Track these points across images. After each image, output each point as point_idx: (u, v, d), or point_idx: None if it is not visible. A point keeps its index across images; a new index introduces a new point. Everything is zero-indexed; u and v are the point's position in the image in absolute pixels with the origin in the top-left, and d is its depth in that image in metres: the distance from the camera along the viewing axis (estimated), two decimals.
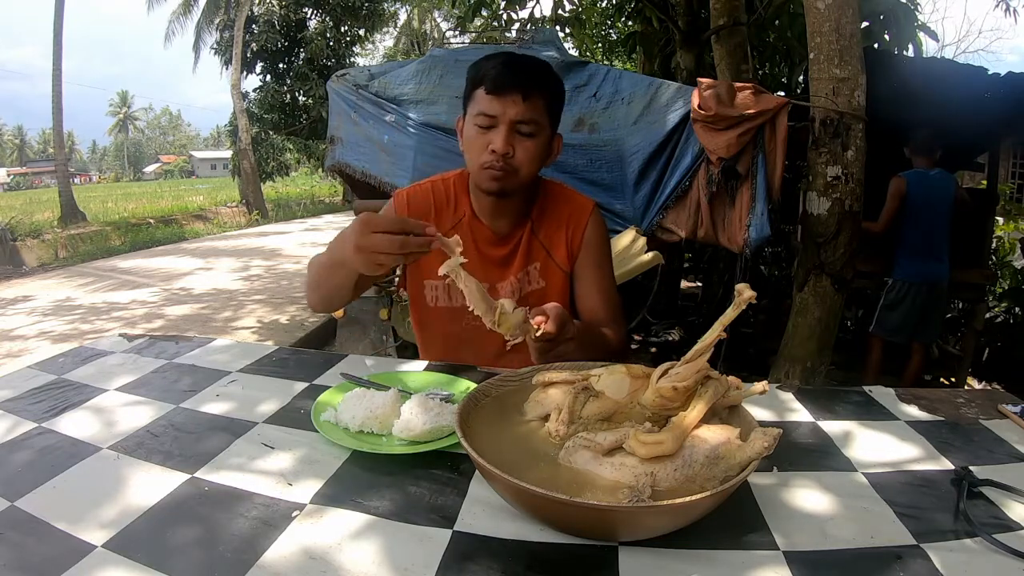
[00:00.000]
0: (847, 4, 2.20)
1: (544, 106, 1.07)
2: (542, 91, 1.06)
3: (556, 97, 1.10)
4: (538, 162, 1.09)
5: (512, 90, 1.03)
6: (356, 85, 3.22)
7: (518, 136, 1.05)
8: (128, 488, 0.66)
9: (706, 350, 0.64)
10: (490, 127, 1.05)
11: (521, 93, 1.03)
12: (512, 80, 1.04)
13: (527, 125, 1.05)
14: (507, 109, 1.04)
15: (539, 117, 1.06)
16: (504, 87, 1.03)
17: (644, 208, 2.80)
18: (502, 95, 1.04)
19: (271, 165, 15.79)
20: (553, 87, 1.09)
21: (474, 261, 1.17)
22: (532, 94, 1.04)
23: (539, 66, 1.08)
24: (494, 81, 1.04)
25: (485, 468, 0.57)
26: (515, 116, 1.04)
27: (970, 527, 0.59)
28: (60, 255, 8.82)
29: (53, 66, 11.30)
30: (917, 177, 2.95)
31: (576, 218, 1.19)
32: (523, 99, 1.03)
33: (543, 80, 1.07)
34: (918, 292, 3.02)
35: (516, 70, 1.05)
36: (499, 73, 1.04)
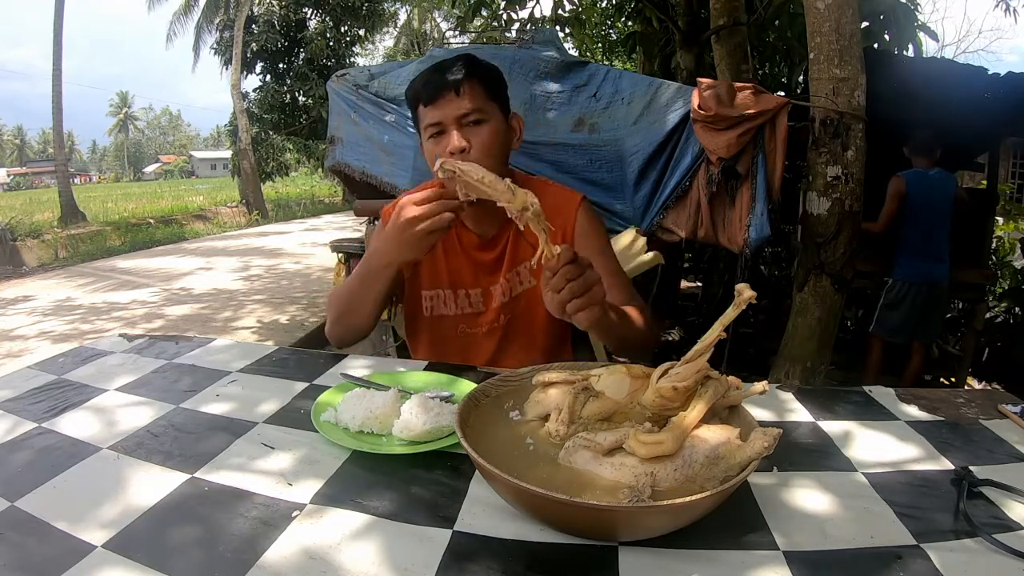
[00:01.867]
0: (847, 4, 2.20)
1: (483, 91, 1.07)
2: (472, 79, 1.06)
3: (492, 80, 1.10)
4: (497, 148, 1.08)
5: (444, 90, 1.04)
6: (356, 85, 3.22)
7: (468, 129, 1.05)
8: (128, 488, 0.66)
9: (706, 350, 0.64)
10: (440, 133, 1.06)
11: (454, 90, 1.04)
12: (441, 81, 1.05)
13: (471, 115, 1.05)
14: (447, 111, 1.04)
15: (481, 104, 1.06)
16: (435, 92, 1.05)
17: (644, 208, 2.80)
18: (437, 99, 1.05)
19: (271, 165, 15.79)
20: (484, 71, 1.09)
21: (464, 266, 1.18)
22: (463, 86, 1.04)
23: (464, 59, 1.09)
24: (425, 90, 1.06)
25: (485, 468, 0.57)
26: (456, 112, 1.04)
27: (970, 527, 0.59)
28: (60, 255, 8.82)
29: (53, 66, 11.30)
30: (916, 177, 2.95)
31: (564, 211, 1.17)
32: (457, 95, 1.04)
33: (471, 69, 1.07)
34: (918, 292, 3.02)
35: (442, 72, 1.06)
36: (427, 81, 1.06)
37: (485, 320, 1.19)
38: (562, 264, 0.80)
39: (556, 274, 0.81)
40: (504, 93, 1.13)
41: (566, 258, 0.80)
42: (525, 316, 1.18)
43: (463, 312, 1.19)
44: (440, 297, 1.19)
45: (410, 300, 1.22)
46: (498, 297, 1.18)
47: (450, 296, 1.19)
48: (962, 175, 5.16)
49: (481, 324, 1.19)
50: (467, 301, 1.19)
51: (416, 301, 1.21)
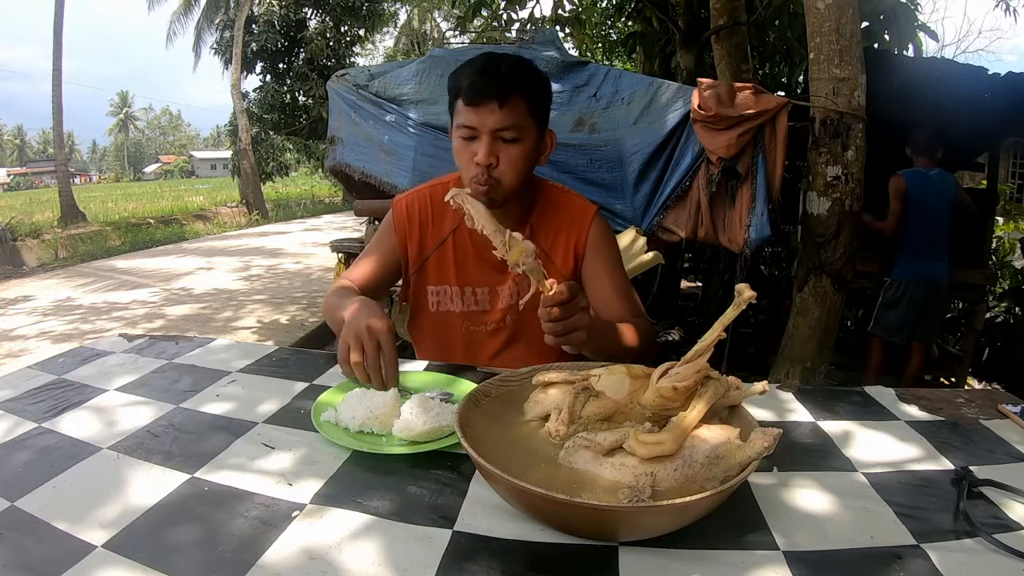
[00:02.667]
0: (847, 4, 2.20)
1: (526, 109, 1.03)
2: (520, 94, 1.02)
3: (539, 96, 1.07)
4: (524, 167, 1.06)
5: (488, 99, 1.00)
6: (356, 85, 3.22)
7: (501, 143, 1.03)
8: (128, 488, 0.66)
9: (706, 350, 0.64)
10: (472, 138, 1.03)
11: (497, 100, 1.00)
12: (487, 88, 1.00)
13: (508, 131, 1.02)
14: (484, 119, 1.01)
15: (520, 121, 1.03)
16: (479, 97, 1.01)
17: (644, 208, 2.80)
18: (478, 105, 1.01)
19: (271, 165, 15.80)
20: (533, 87, 1.06)
21: (474, 264, 1.17)
22: (509, 99, 1.01)
23: (516, 68, 1.04)
24: (469, 91, 1.01)
25: (485, 468, 0.57)
26: (494, 125, 1.01)
27: (970, 527, 0.59)
28: (60, 255, 8.82)
29: (53, 66, 11.30)
30: (916, 176, 2.96)
31: (578, 221, 1.17)
32: (500, 106, 1.00)
33: (520, 82, 1.03)
34: (916, 291, 3.02)
35: (491, 77, 1.01)
36: (473, 82, 1.01)
37: (491, 319, 1.18)
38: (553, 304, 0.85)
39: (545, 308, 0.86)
40: (547, 108, 1.10)
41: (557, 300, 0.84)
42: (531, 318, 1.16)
43: (469, 310, 1.19)
44: (447, 293, 1.19)
45: (416, 295, 1.22)
46: (505, 298, 1.17)
47: (456, 293, 1.18)
48: (962, 175, 5.16)
49: (487, 323, 1.18)
50: (473, 299, 1.18)
51: (422, 296, 1.21)
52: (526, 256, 0.79)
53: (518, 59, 1.07)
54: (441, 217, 1.17)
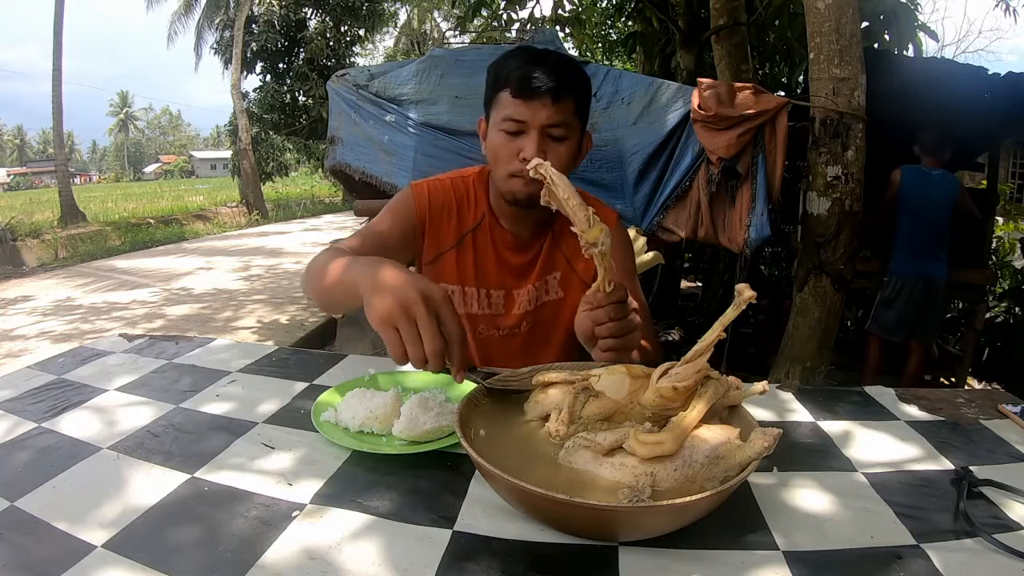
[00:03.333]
0: (847, 4, 2.20)
1: (574, 107, 1.00)
2: (572, 91, 0.99)
3: (585, 95, 1.04)
4: (569, 166, 1.02)
5: (541, 93, 0.96)
6: (356, 85, 3.22)
7: (549, 141, 0.99)
8: (128, 488, 0.66)
9: (706, 350, 0.64)
10: (518, 132, 0.99)
11: (551, 96, 0.96)
12: (540, 82, 0.96)
13: (558, 128, 0.98)
14: (536, 113, 0.97)
15: (570, 119, 0.99)
16: (532, 90, 0.96)
17: (644, 208, 2.80)
18: (530, 99, 0.96)
19: (271, 165, 15.80)
20: (582, 85, 1.02)
21: (492, 265, 1.12)
22: (562, 96, 0.97)
23: (566, 64, 1.00)
24: (520, 83, 0.97)
25: (485, 468, 0.57)
26: (545, 120, 0.97)
27: (970, 527, 0.59)
28: (60, 255, 8.82)
29: (53, 66, 11.29)
30: (916, 174, 2.97)
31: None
32: (553, 102, 0.96)
33: (572, 79, 0.99)
34: (913, 288, 3.03)
35: (544, 71, 0.97)
36: (525, 74, 0.97)
37: (505, 323, 1.14)
38: (611, 301, 0.78)
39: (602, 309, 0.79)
40: (588, 109, 1.07)
41: (616, 297, 0.78)
42: (547, 327, 1.14)
43: (484, 312, 1.14)
44: (463, 294, 1.13)
45: None
46: (522, 304, 1.13)
47: (473, 293, 1.14)
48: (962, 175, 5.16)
49: (500, 327, 1.14)
50: (487, 301, 1.14)
51: None
52: (605, 236, 0.73)
53: (566, 56, 1.04)
54: (463, 212, 1.12)
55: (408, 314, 0.65)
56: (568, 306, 1.12)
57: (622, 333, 0.80)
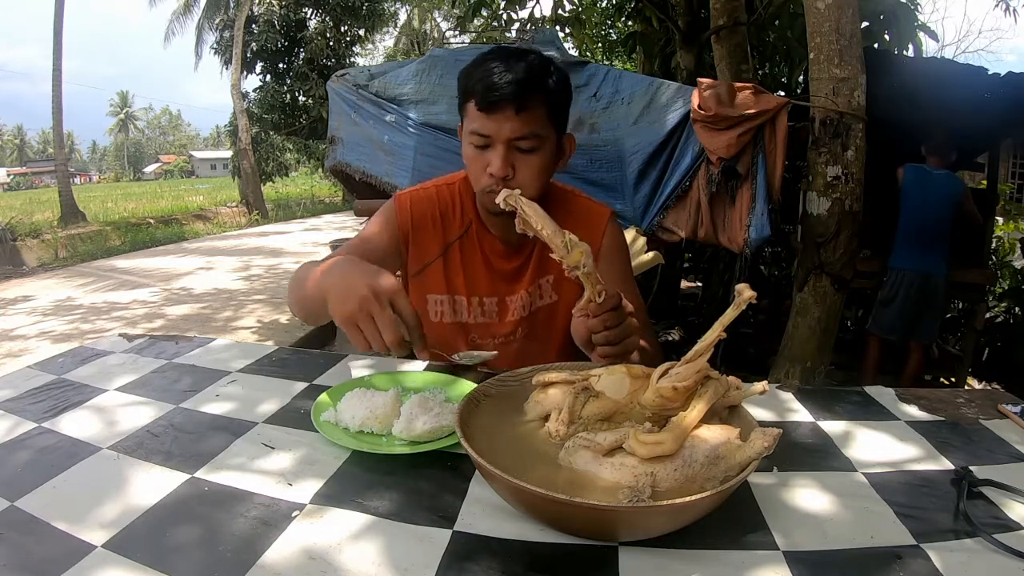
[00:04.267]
0: (847, 4, 2.20)
1: (545, 114, 0.95)
2: (539, 99, 0.93)
3: (558, 99, 0.98)
4: (542, 177, 0.99)
5: (504, 105, 0.91)
6: (356, 85, 3.22)
7: (518, 153, 0.95)
8: (128, 488, 0.66)
9: (706, 350, 0.64)
10: (485, 146, 0.96)
11: (514, 107, 0.91)
12: (502, 93, 0.91)
13: (525, 141, 0.94)
14: (501, 127, 0.93)
15: (539, 129, 0.94)
16: (495, 103, 0.92)
17: (644, 208, 2.80)
18: (493, 112, 0.92)
19: (271, 165, 15.80)
20: (553, 89, 0.96)
21: (482, 273, 1.10)
22: (527, 105, 0.92)
23: (535, 68, 0.95)
24: (483, 95, 0.92)
25: (485, 468, 0.57)
26: (510, 134, 0.93)
27: (970, 527, 0.59)
28: (60, 255, 8.81)
29: (53, 66, 11.28)
30: (918, 172, 2.98)
31: (593, 227, 1.09)
32: (517, 113, 0.92)
33: (539, 86, 0.94)
34: (911, 285, 3.04)
35: (507, 81, 0.91)
36: (488, 86, 0.92)
37: (500, 332, 1.12)
38: (604, 311, 0.79)
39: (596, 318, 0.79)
40: (567, 111, 1.01)
41: (609, 304, 0.79)
42: (543, 332, 1.12)
43: (476, 321, 1.12)
44: (452, 303, 1.11)
45: (416, 299, 1.14)
46: (517, 310, 1.10)
47: (463, 303, 1.11)
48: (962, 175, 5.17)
49: (495, 335, 1.12)
50: (480, 310, 1.11)
51: (420, 305, 1.12)
52: (586, 258, 0.75)
53: (537, 57, 0.97)
54: (448, 220, 1.10)
55: (364, 311, 0.71)
56: (563, 309, 1.10)
57: (619, 339, 0.81)
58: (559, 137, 1.01)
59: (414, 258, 1.12)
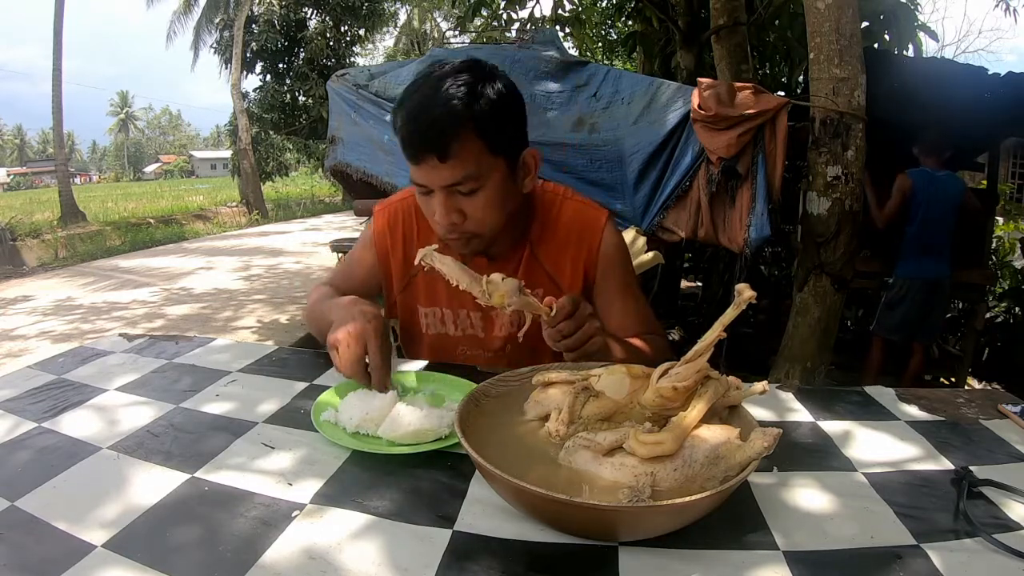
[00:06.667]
0: (847, 4, 2.20)
1: (481, 149, 0.86)
2: (467, 136, 0.85)
3: (498, 127, 0.88)
4: (495, 214, 0.91)
5: (426, 155, 0.85)
6: (356, 85, 3.22)
7: (459, 197, 0.89)
8: (128, 488, 0.66)
9: (706, 350, 0.64)
10: (426, 193, 0.90)
11: (436, 155, 0.84)
12: (421, 144, 0.85)
13: (462, 185, 0.87)
14: (430, 176, 0.87)
15: (474, 169, 0.86)
16: (417, 154, 0.86)
17: (644, 208, 2.80)
18: (419, 163, 0.86)
19: (271, 165, 15.81)
20: (486, 118, 0.86)
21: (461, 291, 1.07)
22: (451, 150, 0.84)
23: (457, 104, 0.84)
24: (404, 145, 0.87)
25: (485, 468, 0.57)
26: (442, 182, 0.87)
27: (970, 527, 0.59)
28: (60, 255, 8.82)
29: (53, 66, 11.29)
30: (923, 176, 2.96)
31: (588, 234, 1.03)
32: (442, 161, 0.84)
33: (465, 122, 0.84)
34: (919, 290, 3.03)
35: (422, 129, 0.84)
36: (406, 136, 0.86)
37: (489, 346, 1.09)
38: (558, 321, 0.81)
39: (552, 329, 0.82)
40: (513, 131, 0.92)
41: (562, 315, 0.81)
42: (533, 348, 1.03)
43: (465, 334, 1.09)
44: (438, 315, 1.09)
45: (406, 315, 1.13)
46: (504, 326, 1.06)
47: (450, 316, 1.08)
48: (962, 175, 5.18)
49: (485, 349, 1.09)
50: (468, 322, 1.08)
51: (414, 317, 1.12)
52: (510, 296, 0.76)
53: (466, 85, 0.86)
54: (425, 231, 1.04)
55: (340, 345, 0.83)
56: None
57: (579, 344, 0.83)
58: (512, 160, 0.92)
59: (397, 274, 1.10)
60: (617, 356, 0.92)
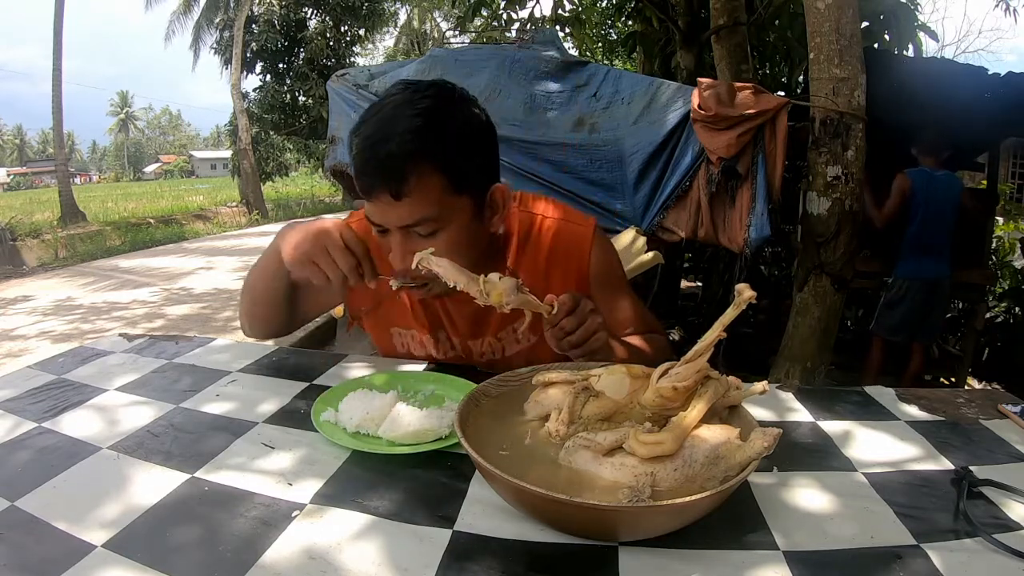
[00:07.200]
0: (847, 4, 2.20)
1: (442, 186, 0.78)
2: (427, 172, 0.76)
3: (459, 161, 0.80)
4: (460, 252, 0.81)
5: (379, 191, 0.77)
6: (356, 85, 3.22)
7: (417, 238, 0.80)
8: (128, 488, 0.66)
9: (706, 350, 0.64)
10: (382, 232, 0.83)
11: (390, 192, 0.76)
12: (374, 179, 0.77)
13: (420, 226, 0.79)
14: (386, 214, 0.79)
15: (432, 210, 0.78)
16: (369, 189, 0.78)
17: (644, 208, 2.80)
18: (372, 198, 0.79)
19: (271, 165, 15.83)
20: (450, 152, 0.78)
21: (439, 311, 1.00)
22: (407, 188, 0.75)
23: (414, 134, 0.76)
24: (357, 177, 0.79)
25: (485, 468, 0.57)
26: (399, 221, 0.79)
27: (970, 527, 0.59)
28: (60, 255, 8.82)
29: (53, 66, 11.30)
30: (922, 176, 2.96)
31: (576, 252, 0.98)
32: (396, 198, 0.76)
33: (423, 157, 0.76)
34: (919, 291, 3.03)
35: (376, 162, 0.76)
36: (359, 167, 0.78)
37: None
38: (560, 318, 0.80)
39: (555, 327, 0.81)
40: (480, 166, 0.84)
41: (563, 312, 0.80)
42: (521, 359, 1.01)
43: (447, 356, 1.04)
44: (416, 338, 1.03)
45: (377, 331, 1.08)
46: (486, 354, 1.02)
47: (429, 340, 1.02)
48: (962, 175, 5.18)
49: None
50: (449, 344, 1.03)
51: (384, 335, 1.07)
52: (508, 295, 0.74)
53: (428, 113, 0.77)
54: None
55: (319, 245, 0.78)
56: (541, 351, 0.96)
57: (583, 340, 0.81)
58: (477, 200, 0.84)
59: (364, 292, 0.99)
60: (618, 356, 0.92)
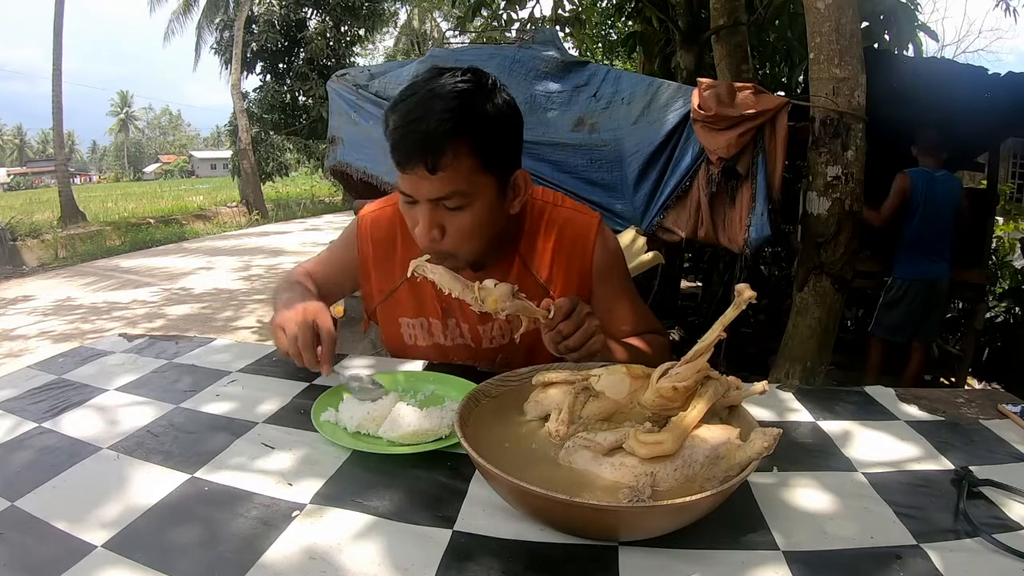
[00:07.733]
0: (847, 4, 2.20)
1: (472, 165, 0.82)
2: (461, 149, 0.81)
3: (494, 140, 0.85)
4: (478, 234, 0.88)
5: (415, 164, 0.81)
6: (356, 85, 3.22)
7: (444, 211, 0.85)
8: (128, 488, 0.66)
9: (706, 350, 0.64)
10: (411, 203, 0.87)
11: (425, 166, 0.80)
12: (412, 151, 0.80)
13: (449, 200, 0.84)
14: (418, 187, 0.83)
15: (462, 186, 0.83)
16: (405, 162, 0.82)
17: (644, 208, 2.80)
18: (407, 171, 0.82)
19: (271, 165, 15.83)
20: (482, 133, 0.83)
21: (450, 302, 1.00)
22: (442, 161, 0.80)
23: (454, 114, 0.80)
24: (394, 153, 0.83)
25: (485, 468, 0.57)
26: (428, 194, 0.83)
27: (970, 527, 0.59)
28: (60, 255, 8.82)
29: (53, 66, 11.30)
30: (922, 176, 2.96)
31: (581, 242, 1.01)
32: (431, 172, 0.80)
33: (460, 134, 0.80)
34: (918, 290, 3.03)
35: (415, 137, 0.80)
36: (396, 141, 0.82)
37: (480, 357, 1.06)
38: (557, 322, 0.81)
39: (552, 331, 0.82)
40: (508, 149, 0.89)
41: (560, 315, 0.81)
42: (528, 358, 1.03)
43: (454, 343, 1.06)
44: (424, 325, 1.06)
45: (386, 324, 1.10)
46: (495, 338, 1.04)
47: (439, 327, 1.05)
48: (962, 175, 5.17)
49: (476, 359, 1.06)
50: (458, 331, 1.05)
51: (393, 327, 1.09)
52: (503, 301, 0.76)
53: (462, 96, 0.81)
54: (410, 242, 1.00)
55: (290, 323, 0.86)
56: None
57: (580, 344, 0.83)
58: (502, 181, 0.89)
59: (379, 283, 1.08)
60: (618, 357, 0.92)
